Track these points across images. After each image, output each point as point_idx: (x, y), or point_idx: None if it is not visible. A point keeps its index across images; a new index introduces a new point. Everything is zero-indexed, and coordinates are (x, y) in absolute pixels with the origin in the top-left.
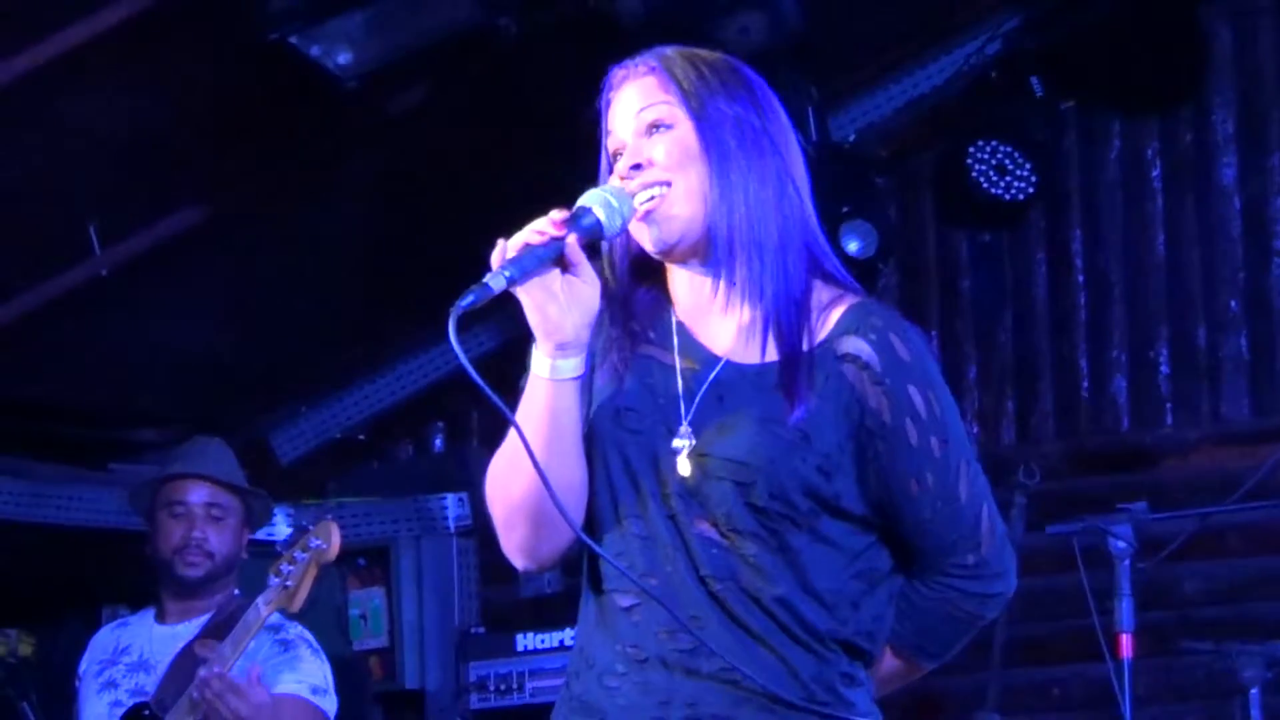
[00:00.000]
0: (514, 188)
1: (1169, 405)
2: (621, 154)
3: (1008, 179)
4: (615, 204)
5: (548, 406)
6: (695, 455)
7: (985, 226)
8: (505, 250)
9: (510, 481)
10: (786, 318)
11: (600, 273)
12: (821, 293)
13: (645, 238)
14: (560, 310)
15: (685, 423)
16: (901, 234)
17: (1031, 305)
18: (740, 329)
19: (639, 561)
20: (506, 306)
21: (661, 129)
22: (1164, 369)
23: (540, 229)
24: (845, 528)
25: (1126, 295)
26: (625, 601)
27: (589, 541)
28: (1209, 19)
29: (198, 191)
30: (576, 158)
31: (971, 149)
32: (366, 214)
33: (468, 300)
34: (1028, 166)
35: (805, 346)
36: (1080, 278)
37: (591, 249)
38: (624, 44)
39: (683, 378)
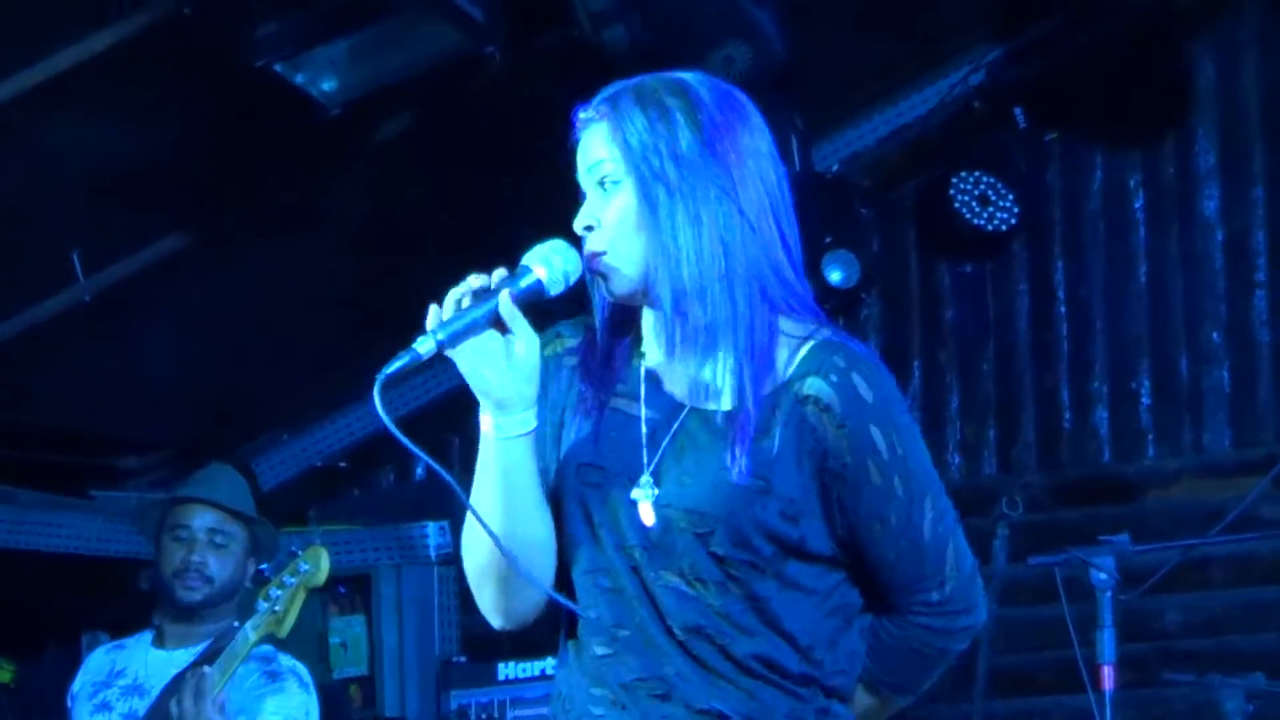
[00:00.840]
0: (498, 217)
1: (1151, 437)
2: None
3: (990, 209)
4: (559, 263)
5: (497, 465)
6: (658, 506)
7: (968, 257)
8: (435, 313)
9: (473, 543)
10: (744, 365)
11: (583, 323)
12: (790, 328)
13: (602, 293)
14: (497, 372)
15: (647, 473)
16: (884, 264)
17: (1014, 336)
18: (699, 376)
19: (607, 614)
20: None
21: (607, 184)
22: (1146, 400)
23: (474, 289)
24: (814, 569)
25: (1108, 326)
26: (600, 650)
27: (558, 598)
28: (1192, 51)
29: (181, 218)
30: (561, 187)
31: (954, 179)
32: (350, 241)
33: (394, 366)
34: (1010, 197)
35: (765, 391)
36: (1062, 309)
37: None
38: (610, 73)
39: (647, 427)
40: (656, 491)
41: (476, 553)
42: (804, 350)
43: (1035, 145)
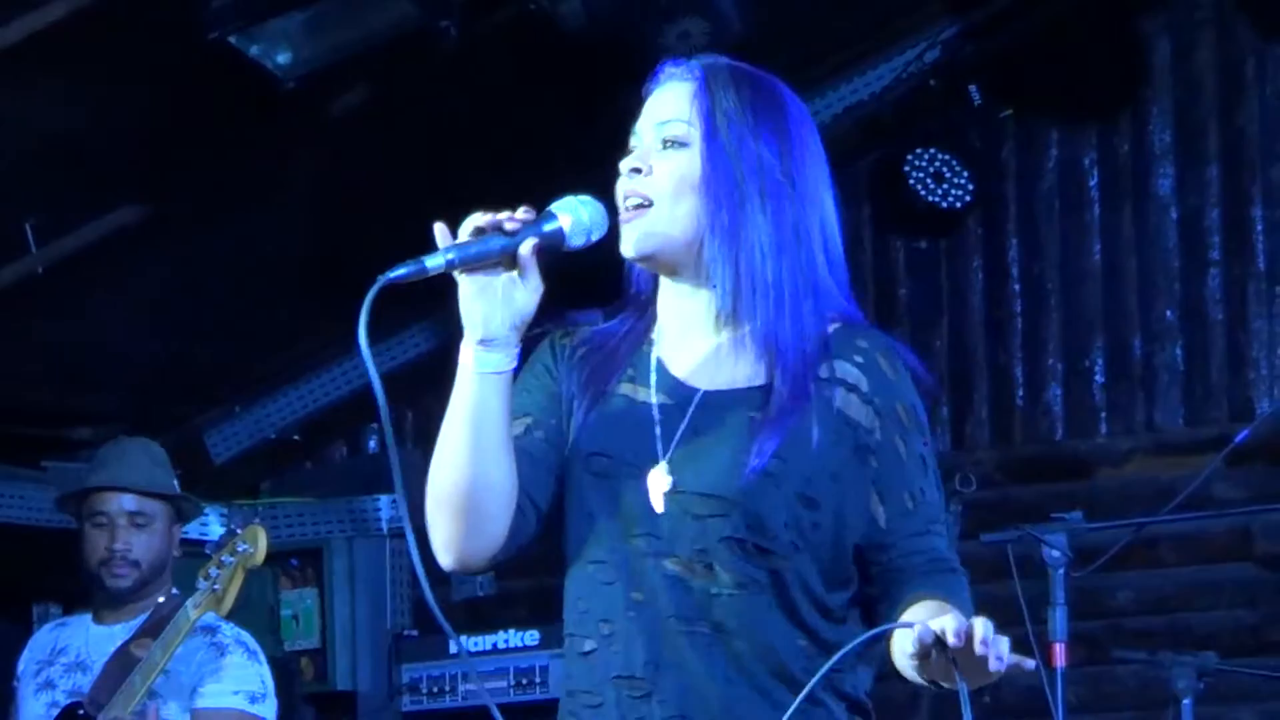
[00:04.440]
0: (453, 191)
1: (1104, 414)
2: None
3: (945, 187)
4: (586, 216)
5: (470, 399)
6: (672, 493)
7: (922, 234)
8: (445, 233)
9: (436, 475)
10: (779, 344)
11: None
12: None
13: (624, 243)
14: (492, 308)
15: (663, 460)
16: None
17: (967, 313)
18: (721, 351)
19: (596, 607)
20: (448, 306)
21: (674, 146)
22: (1099, 378)
23: (500, 221)
24: (823, 563)
25: (1062, 304)
26: (584, 646)
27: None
28: (1148, 29)
29: (135, 191)
30: (519, 161)
31: (909, 156)
32: (304, 214)
33: (399, 272)
34: (965, 174)
35: (795, 372)
36: (1016, 286)
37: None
38: (565, 48)
39: (659, 414)
40: (671, 479)
41: (437, 484)
42: (829, 332)
43: (990, 122)
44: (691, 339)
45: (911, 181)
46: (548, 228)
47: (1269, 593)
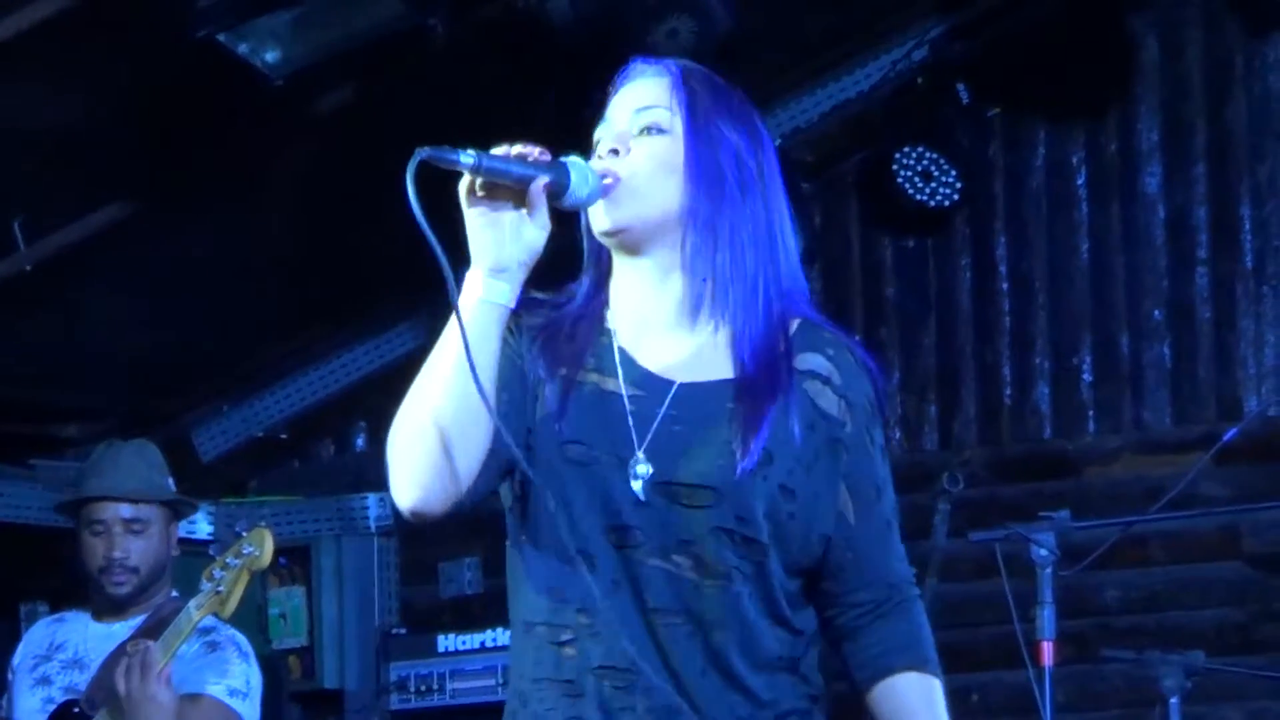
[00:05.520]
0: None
1: (1091, 413)
2: (607, 141)
3: (933, 185)
4: (590, 180)
5: (471, 325)
6: (655, 484)
7: (910, 232)
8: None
9: (419, 402)
10: (752, 336)
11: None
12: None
13: (599, 217)
14: (500, 240)
15: (640, 451)
16: (826, 239)
17: (955, 312)
18: (692, 343)
19: (573, 596)
20: (433, 306)
21: (655, 132)
22: (1087, 376)
23: (525, 154)
24: (791, 554)
25: (1050, 302)
26: (559, 636)
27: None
28: (1136, 28)
29: (123, 188)
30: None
31: (897, 155)
32: (292, 213)
33: (437, 152)
34: (953, 173)
35: (769, 363)
36: (1004, 284)
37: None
38: (552, 46)
39: (631, 404)
40: (651, 469)
41: (421, 409)
42: (792, 328)
43: (978, 121)
44: (655, 329)
45: (899, 180)
46: (557, 175)
47: (1256, 591)
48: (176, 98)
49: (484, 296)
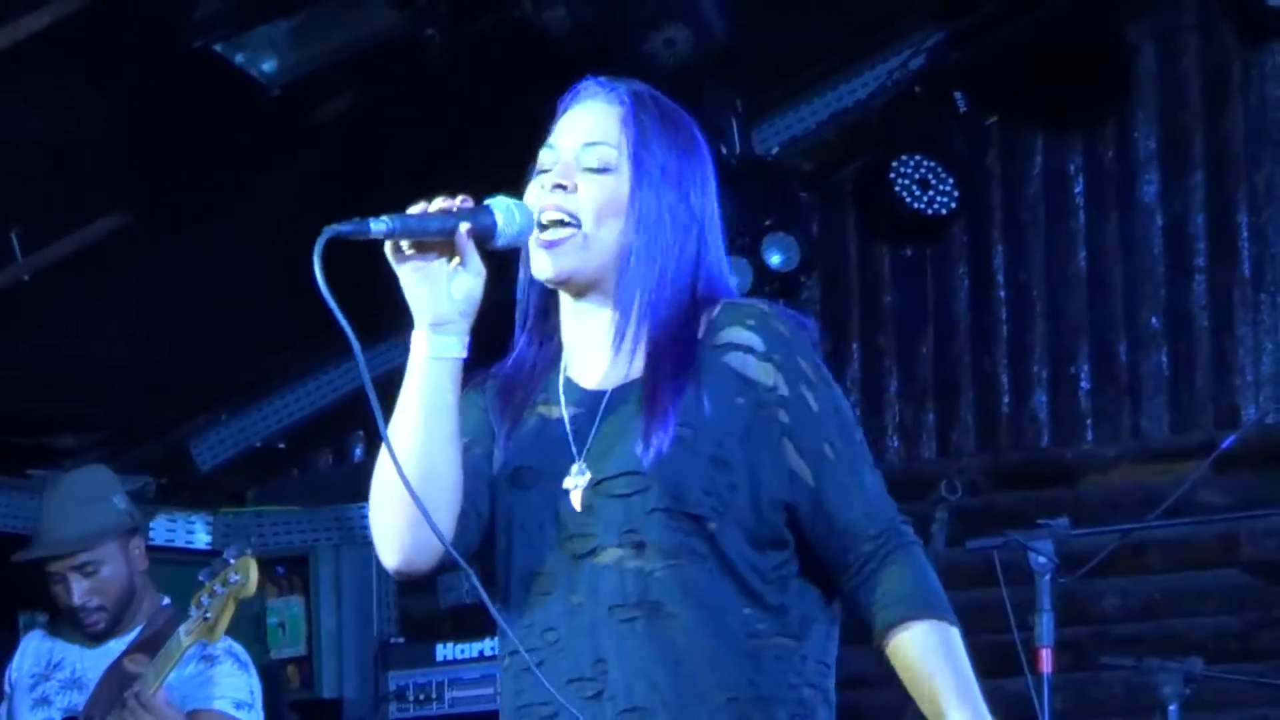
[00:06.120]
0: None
1: (1089, 421)
2: (550, 169)
3: (930, 193)
4: (517, 217)
5: (423, 384)
6: (593, 487)
7: (907, 241)
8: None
9: (386, 465)
10: (661, 332)
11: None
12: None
13: (542, 263)
14: (436, 294)
15: (579, 460)
16: (824, 248)
17: (953, 320)
18: (618, 354)
19: (539, 618)
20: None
21: (601, 171)
22: (1085, 385)
23: (439, 206)
24: (746, 526)
25: (1048, 311)
26: (531, 660)
27: (451, 550)
28: (1133, 36)
29: (120, 199)
30: (497, 168)
31: (894, 163)
32: (289, 222)
33: (345, 228)
34: (950, 181)
35: (675, 349)
36: (1002, 293)
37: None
38: (550, 55)
39: (572, 425)
40: (589, 476)
41: (390, 472)
42: (715, 311)
43: (975, 129)
44: (593, 351)
45: (897, 188)
46: (482, 219)
47: (1255, 599)
48: (174, 108)
49: (430, 354)
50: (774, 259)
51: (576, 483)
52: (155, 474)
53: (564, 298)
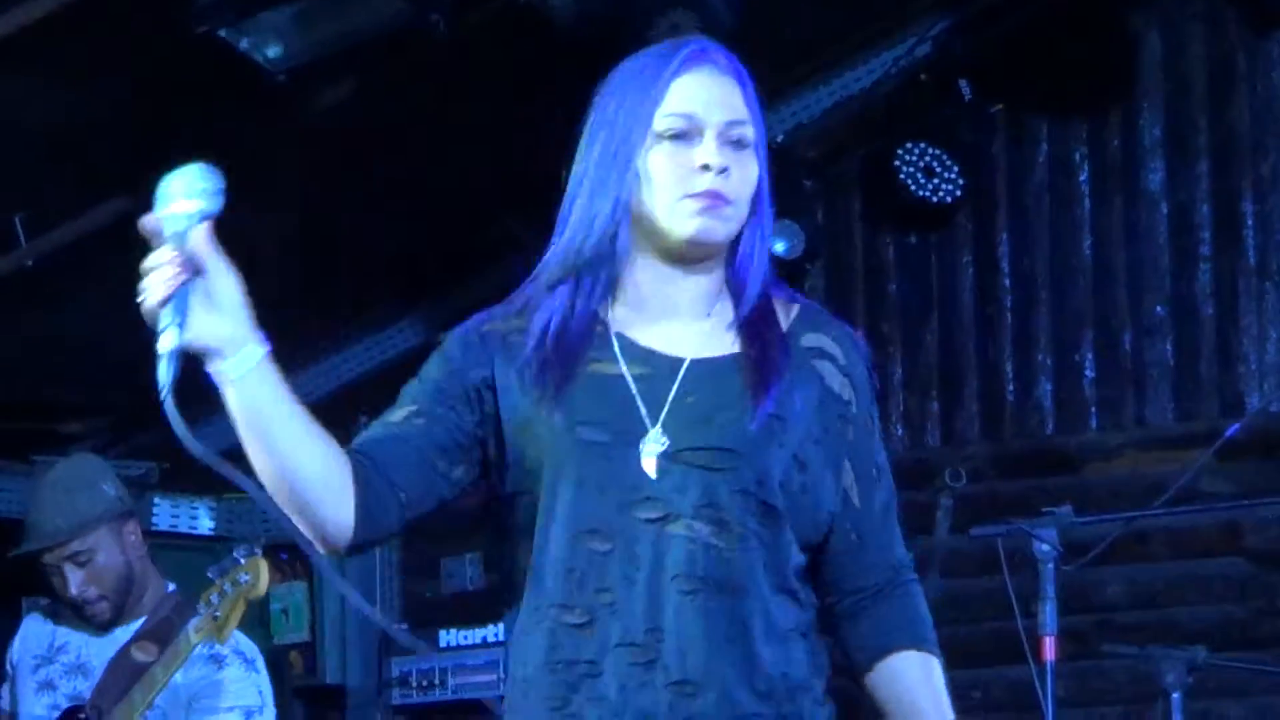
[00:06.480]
0: (441, 184)
1: (1094, 409)
2: (688, 136)
3: (935, 181)
4: (200, 185)
5: (244, 407)
6: (671, 456)
7: (912, 228)
8: (153, 308)
9: (269, 484)
10: (759, 312)
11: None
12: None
13: (705, 230)
14: (204, 320)
15: (656, 426)
16: (828, 235)
17: (958, 308)
18: (701, 328)
19: (592, 576)
20: (433, 302)
21: (742, 148)
22: (1089, 373)
23: (162, 267)
24: (802, 527)
25: (1052, 299)
26: (575, 619)
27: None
28: (1138, 24)
29: (124, 184)
30: (504, 153)
31: (899, 151)
32: (293, 208)
33: (167, 377)
34: (955, 169)
35: (777, 335)
36: (1006, 281)
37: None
38: (555, 41)
39: (638, 385)
40: (667, 442)
41: (273, 484)
42: (794, 311)
43: (981, 117)
44: (663, 316)
45: (902, 176)
46: (187, 219)
47: (1258, 587)
48: (177, 93)
49: (235, 376)
50: (778, 246)
51: (652, 448)
52: (159, 459)
53: (649, 259)
